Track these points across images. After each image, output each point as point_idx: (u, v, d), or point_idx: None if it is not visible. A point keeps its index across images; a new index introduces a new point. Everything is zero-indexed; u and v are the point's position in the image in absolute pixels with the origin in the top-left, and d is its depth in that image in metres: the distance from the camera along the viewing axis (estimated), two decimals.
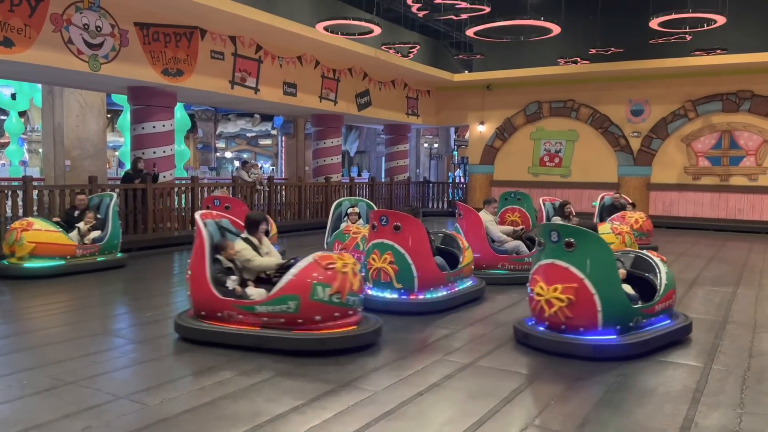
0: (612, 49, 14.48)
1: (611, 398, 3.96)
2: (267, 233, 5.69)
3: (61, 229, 8.10)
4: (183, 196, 11.85)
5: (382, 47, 14.62)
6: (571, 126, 17.88)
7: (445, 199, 20.50)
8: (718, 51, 13.63)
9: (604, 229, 8.52)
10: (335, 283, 4.73)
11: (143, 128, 11.47)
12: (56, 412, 3.59)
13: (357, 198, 8.36)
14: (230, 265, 5.19)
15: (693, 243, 12.62)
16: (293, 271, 4.82)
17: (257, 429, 3.41)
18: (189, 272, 5.17)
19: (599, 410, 3.75)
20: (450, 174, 27.33)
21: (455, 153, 29.09)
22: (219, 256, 5.16)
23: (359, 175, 23.89)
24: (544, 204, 10.33)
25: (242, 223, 5.54)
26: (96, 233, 8.52)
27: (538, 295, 4.92)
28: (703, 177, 16.29)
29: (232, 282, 5.06)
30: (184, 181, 13.17)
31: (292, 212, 14.47)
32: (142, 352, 4.99)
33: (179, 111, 18.21)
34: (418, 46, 14.70)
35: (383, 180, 19.32)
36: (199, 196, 11.80)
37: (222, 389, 4.02)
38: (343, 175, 18.69)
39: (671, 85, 16.30)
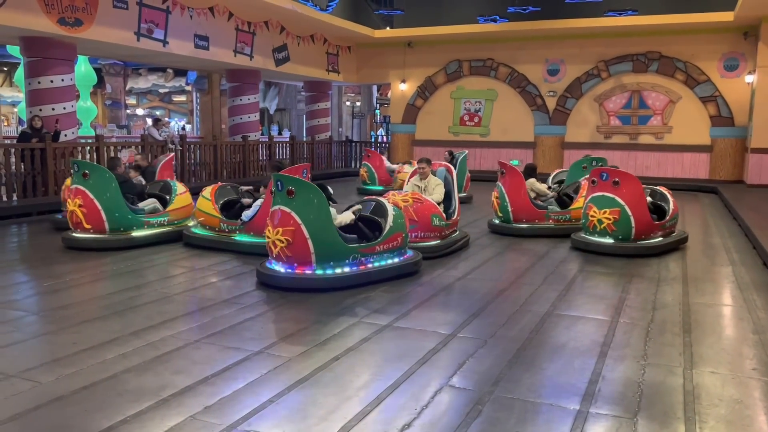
0: (530, 7, 14.61)
1: (524, 355, 4.02)
2: None
3: None
4: (87, 155, 11.12)
5: None
6: (490, 85, 18.05)
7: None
8: (630, 12, 14.00)
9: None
10: None
11: (39, 83, 10.60)
12: None
13: None
14: None
15: None
16: None
17: (162, 403, 3.23)
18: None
19: (512, 368, 3.80)
20: (372, 133, 27.18)
21: (377, 112, 28.89)
22: None
23: (280, 133, 23.29)
24: None
25: None
26: None
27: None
28: (614, 135, 16.92)
29: None
30: (88, 140, 12.35)
31: (207, 172, 13.94)
32: (40, 325, 4.65)
33: (83, 65, 17.04)
34: None
35: (304, 139, 18.94)
36: (105, 156, 11.11)
37: (125, 362, 3.79)
38: (262, 134, 18.17)
39: (585, 45, 16.69)
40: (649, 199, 7.79)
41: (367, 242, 5.92)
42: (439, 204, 7.44)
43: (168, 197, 8.12)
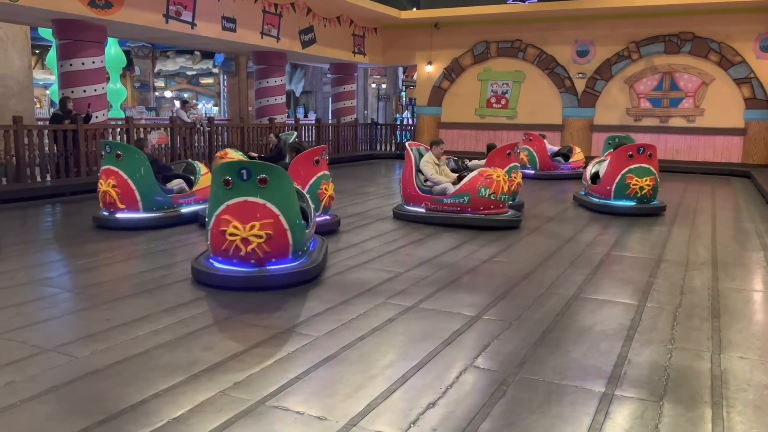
0: None
1: (549, 338, 4.02)
2: None
3: None
4: (118, 137, 11.31)
5: None
6: (518, 67, 17.82)
7: (394, 141, 20.31)
8: None
9: None
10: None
11: (71, 65, 10.77)
12: None
13: None
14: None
15: None
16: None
17: (193, 379, 3.32)
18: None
19: (537, 350, 3.80)
20: (398, 115, 27.07)
21: (403, 94, 28.72)
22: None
23: (306, 116, 23.36)
24: None
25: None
26: None
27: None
28: (644, 118, 16.62)
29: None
30: (118, 122, 12.54)
31: None
32: (74, 302, 4.78)
33: (113, 47, 17.23)
34: None
35: (330, 122, 18.96)
36: (135, 137, 11.27)
37: (157, 338, 3.89)
38: (288, 116, 18.24)
39: (616, 26, 16.36)
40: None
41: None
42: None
43: (193, 177, 8.27)
